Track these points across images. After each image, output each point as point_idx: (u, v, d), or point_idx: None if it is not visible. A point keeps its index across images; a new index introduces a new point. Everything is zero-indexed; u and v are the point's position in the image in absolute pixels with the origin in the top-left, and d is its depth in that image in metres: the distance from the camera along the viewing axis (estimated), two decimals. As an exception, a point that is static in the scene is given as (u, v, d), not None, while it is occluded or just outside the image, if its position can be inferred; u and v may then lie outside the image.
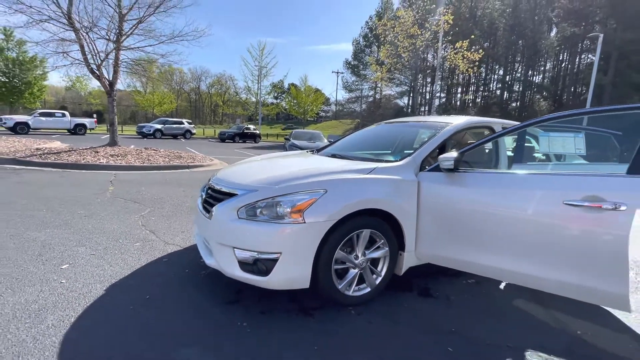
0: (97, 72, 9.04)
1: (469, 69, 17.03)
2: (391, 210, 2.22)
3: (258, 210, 2.05)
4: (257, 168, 2.69)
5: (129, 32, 9.25)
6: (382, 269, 2.33)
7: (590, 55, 32.74)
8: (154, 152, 9.69)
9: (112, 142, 9.78)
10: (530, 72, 39.97)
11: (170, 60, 10.70)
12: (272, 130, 46.57)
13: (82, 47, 8.58)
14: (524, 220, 1.98)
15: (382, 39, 20.36)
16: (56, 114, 21.48)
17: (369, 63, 28.03)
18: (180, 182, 6.64)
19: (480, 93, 45.97)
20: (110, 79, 9.50)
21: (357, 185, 2.19)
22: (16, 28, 8.36)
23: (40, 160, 7.57)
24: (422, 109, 47.61)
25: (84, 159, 7.67)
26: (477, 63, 17.22)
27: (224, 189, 2.34)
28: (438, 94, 48.15)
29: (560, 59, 38.48)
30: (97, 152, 8.55)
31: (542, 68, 41.04)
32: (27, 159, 7.62)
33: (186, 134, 26.48)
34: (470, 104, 45.33)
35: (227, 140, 26.16)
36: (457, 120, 2.89)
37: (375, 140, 3.49)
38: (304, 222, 1.97)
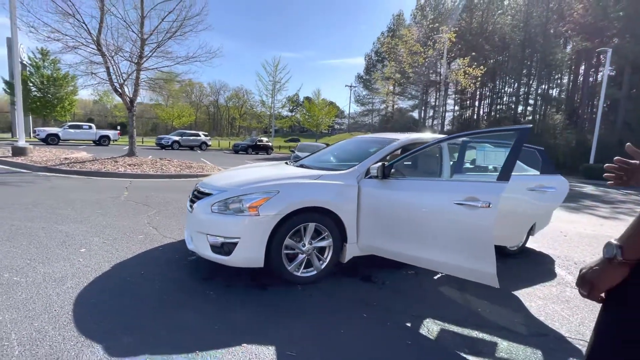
0: (119, 90, 10.12)
1: (471, 85, 17.47)
2: (332, 208, 2.79)
3: (226, 206, 2.68)
4: (233, 174, 3.33)
5: (149, 55, 10.33)
6: (327, 256, 2.89)
7: (609, 69, 32.44)
8: (167, 162, 10.59)
9: (131, 153, 10.77)
10: (543, 86, 39.67)
11: (185, 78, 11.73)
12: (286, 142, 47.81)
13: (107, 69, 9.69)
14: (427, 216, 2.51)
15: (386, 55, 21.22)
16: (83, 127, 23.21)
17: (375, 79, 28.88)
18: (187, 189, 7.39)
19: (494, 106, 45.75)
20: (131, 96, 10.56)
21: (304, 188, 2.79)
22: (53, 54, 9.49)
23: (68, 168, 8.55)
24: (435, 122, 47.79)
25: (104, 168, 8.60)
26: (478, 79, 17.65)
27: (205, 190, 2.99)
28: (451, 108, 48.28)
29: (576, 72, 38.09)
30: (117, 161, 9.50)
31: (558, 81, 40.65)
32: (57, 167, 8.61)
33: (202, 146, 27.80)
34: (485, 117, 45.14)
35: (240, 152, 27.26)
36: (403, 137, 3.46)
37: (341, 152, 4.08)
38: (259, 215, 2.58)
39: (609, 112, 29.47)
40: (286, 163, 4.13)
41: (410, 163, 3.20)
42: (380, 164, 2.76)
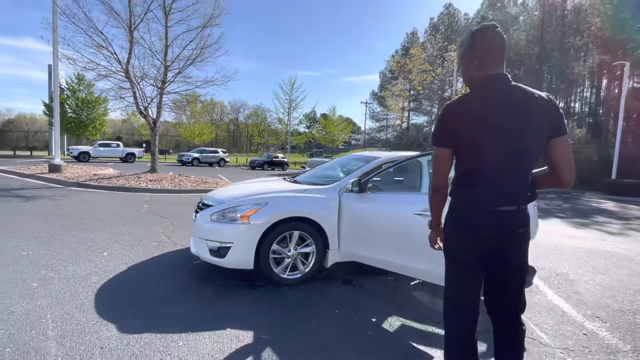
0: (144, 112, 11.08)
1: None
2: (314, 218, 3.19)
3: (223, 215, 3.14)
4: (233, 188, 3.81)
5: (171, 80, 11.31)
6: (311, 261, 3.27)
7: (630, 81, 31.55)
8: (185, 178, 11.34)
9: (152, 170, 11.63)
10: (565, 99, 38.89)
11: (206, 98, 12.63)
12: (303, 158, 48.68)
13: (134, 93, 10.69)
14: (393, 225, 2.87)
15: (397, 74, 21.86)
16: (111, 145, 24.93)
17: (385, 96, 29.55)
18: (201, 202, 7.98)
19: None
20: (154, 117, 11.51)
21: (290, 200, 3.22)
22: (88, 80, 10.60)
23: (96, 183, 9.39)
24: (452, 137, 47.34)
25: (128, 183, 9.39)
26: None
27: (207, 202, 3.48)
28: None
29: (599, 85, 37.22)
30: (139, 177, 10.31)
31: (580, 95, 39.78)
32: (87, 182, 9.48)
33: (220, 162, 28.94)
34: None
35: (257, 168, 28.10)
36: (384, 155, 3.86)
37: (332, 169, 4.50)
38: (249, 223, 3.02)
39: (635, 126, 28.44)
40: (284, 179, 4.58)
41: (399, 178, 3.57)
42: (356, 179, 3.16)
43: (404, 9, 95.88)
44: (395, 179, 4.20)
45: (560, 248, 5.48)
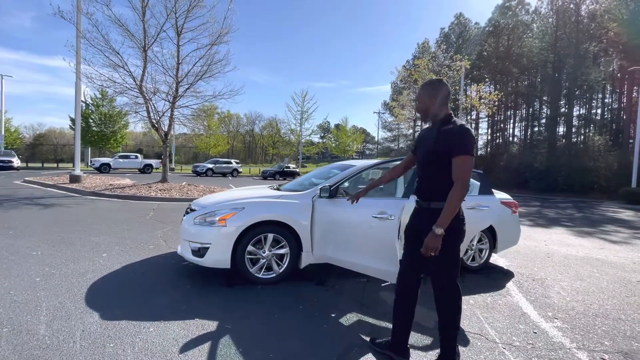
0: (156, 125, 11.76)
1: (489, 109, 17.54)
2: (288, 222, 3.44)
3: (204, 219, 3.45)
4: (217, 195, 4.13)
5: (182, 94, 11.98)
6: (285, 262, 3.51)
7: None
8: (193, 187, 11.86)
9: (163, 180, 12.23)
10: (585, 106, 37.84)
11: (223, 110, 13.21)
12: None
13: (147, 108, 11.40)
14: (356, 228, 3.09)
15: (403, 85, 22.11)
16: (130, 156, 26.14)
17: (392, 107, 29.75)
18: (205, 210, 8.38)
19: (530, 129, 44.09)
20: (166, 130, 12.18)
21: (265, 205, 3.50)
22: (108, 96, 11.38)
23: (110, 193, 10.01)
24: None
25: (139, 192, 9.95)
26: (496, 103, 17.68)
27: (193, 208, 3.80)
28: (485, 131, 47.16)
29: (621, 91, 36.02)
30: (150, 187, 10.89)
31: (600, 101, 38.60)
32: (102, 192, 10.12)
33: (233, 172, 29.73)
34: (518, 141, 43.48)
35: (268, 178, 28.64)
36: (359, 163, 4.09)
37: (314, 177, 4.76)
38: (226, 226, 3.31)
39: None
40: (270, 187, 4.88)
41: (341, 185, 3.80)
42: (325, 185, 3.42)
43: (420, 19, 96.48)
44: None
45: (550, 255, 5.48)
